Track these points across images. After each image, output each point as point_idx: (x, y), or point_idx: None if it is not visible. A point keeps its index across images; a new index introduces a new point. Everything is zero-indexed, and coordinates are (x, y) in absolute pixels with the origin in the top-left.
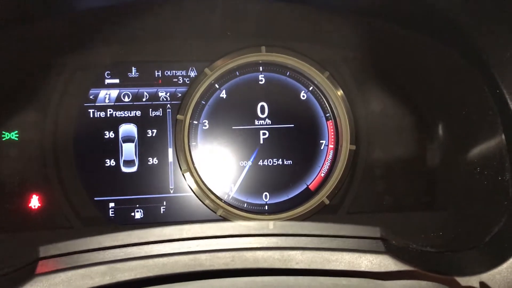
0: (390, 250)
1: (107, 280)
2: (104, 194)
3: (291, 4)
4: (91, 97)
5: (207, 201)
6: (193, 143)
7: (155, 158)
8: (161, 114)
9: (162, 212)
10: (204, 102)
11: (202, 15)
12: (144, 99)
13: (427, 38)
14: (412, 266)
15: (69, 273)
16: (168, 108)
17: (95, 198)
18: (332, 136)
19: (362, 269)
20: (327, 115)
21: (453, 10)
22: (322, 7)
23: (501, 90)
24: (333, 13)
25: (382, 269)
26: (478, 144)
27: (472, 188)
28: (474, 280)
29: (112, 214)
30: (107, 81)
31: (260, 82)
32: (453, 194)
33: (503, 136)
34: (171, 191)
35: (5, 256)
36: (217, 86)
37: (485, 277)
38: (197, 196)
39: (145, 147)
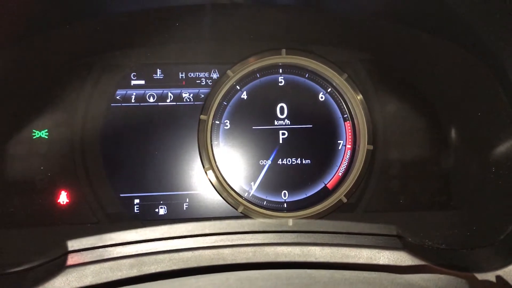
0: (406, 247)
1: (135, 272)
2: (129, 190)
3: (310, 8)
4: (117, 97)
5: (228, 198)
6: (215, 142)
7: (179, 156)
8: (184, 114)
9: (185, 208)
10: (226, 103)
11: (225, 19)
12: (168, 100)
13: (443, 41)
14: (429, 262)
15: (98, 266)
16: (192, 109)
17: (121, 195)
18: (350, 137)
19: (381, 263)
20: (344, 116)
21: (470, 14)
22: (339, 11)
23: None
24: (351, 16)
25: (400, 264)
26: (492, 144)
27: (486, 187)
28: (490, 276)
29: (137, 210)
30: (133, 82)
31: (279, 84)
32: (468, 193)
33: None
34: (194, 188)
35: (36, 249)
36: (238, 88)
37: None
38: (218, 193)
39: (169, 145)
